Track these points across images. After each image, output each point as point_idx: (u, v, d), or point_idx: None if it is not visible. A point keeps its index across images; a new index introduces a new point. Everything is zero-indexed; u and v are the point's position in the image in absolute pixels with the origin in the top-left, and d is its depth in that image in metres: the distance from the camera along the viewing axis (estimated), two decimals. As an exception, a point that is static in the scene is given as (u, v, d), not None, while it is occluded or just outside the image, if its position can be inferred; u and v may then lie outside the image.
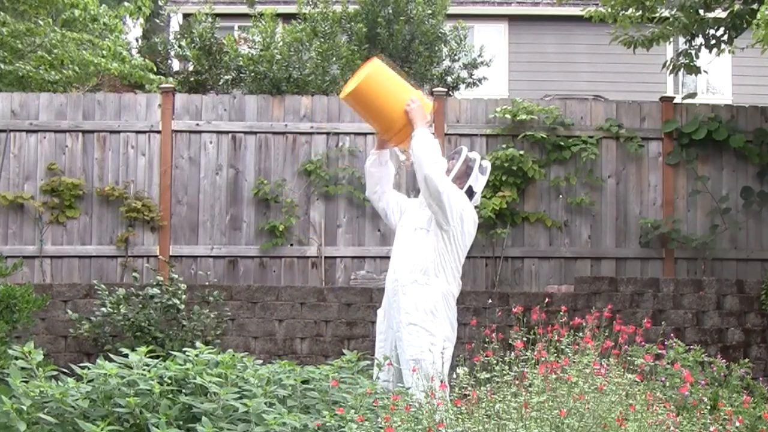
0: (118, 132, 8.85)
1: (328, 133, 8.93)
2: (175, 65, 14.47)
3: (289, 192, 8.83)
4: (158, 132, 8.85)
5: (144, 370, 3.82)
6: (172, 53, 14.19)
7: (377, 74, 5.11)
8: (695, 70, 8.90)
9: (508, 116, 8.87)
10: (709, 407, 4.23)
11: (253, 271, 8.77)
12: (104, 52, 11.74)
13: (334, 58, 11.49)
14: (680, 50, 9.08)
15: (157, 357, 4.07)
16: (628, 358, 4.22)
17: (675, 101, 9.26)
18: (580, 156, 8.86)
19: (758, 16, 7.21)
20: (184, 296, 7.70)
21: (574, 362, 3.80)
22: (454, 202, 4.90)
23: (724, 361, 6.17)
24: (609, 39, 8.97)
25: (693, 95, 9.77)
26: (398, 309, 4.89)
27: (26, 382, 3.69)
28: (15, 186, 8.72)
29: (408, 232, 5.06)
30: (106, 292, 7.69)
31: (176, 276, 7.93)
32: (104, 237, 8.73)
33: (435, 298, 4.87)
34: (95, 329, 7.67)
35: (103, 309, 7.58)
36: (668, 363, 5.53)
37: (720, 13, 8.66)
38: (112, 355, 3.97)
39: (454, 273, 4.96)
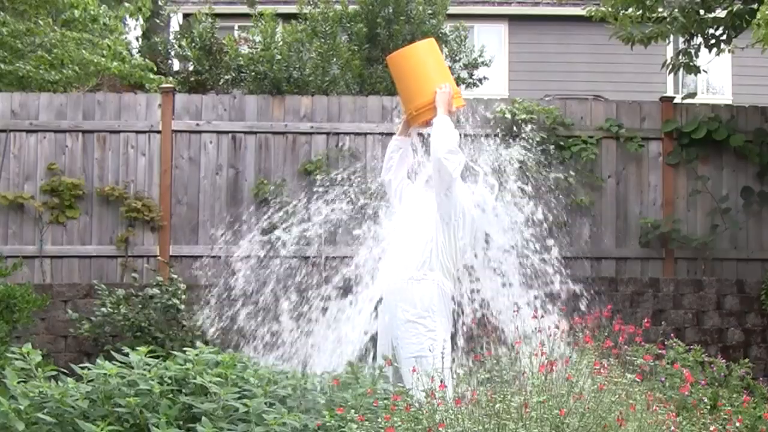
0: (118, 132, 8.85)
1: (328, 133, 8.93)
2: (175, 65, 14.46)
3: (289, 192, 8.83)
4: (158, 132, 8.85)
5: (144, 370, 3.82)
6: (172, 53, 14.19)
7: (424, 50, 5.39)
8: (695, 70, 8.89)
9: (508, 116, 8.87)
10: (709, 407, 4.24)
11: (253, 271, 8.77)
12: (104, 51, 11.75)
13: (334, 58, 11.48)
14: (680, 50, 9.08)
15: (157, 357, 4.07)
16: (628, 358, 4.22)
17: (675, 101, 9.25)
18: (580, 156, 8.86)
19: (758, 15, 7.22)
20: (183, 296, 7.70)
21: (574, 362, 3.80)
22: (461, 196, 4.91)
23: (724, 361, 6.17)
24: (608, 37, 8.96)
25: (693, 95, 9.77)
26: (395, 306, 4.88)
27: (25, 382, 3.70)
28: (15, 186, 8.72)
29: (405, 228, 5.06)
30: (106, 292, 7.69)
31: (176, 276, 7.93)
32: (104, 237, 8.73)
33: (431, 294, 4.86)
34: (95, 329, 7.67)
35: (103, 309, 7.59)
36: (668, 363, 5.52)
37: (719, 13, 8.66)
38: (113, 354, 3.97)
39: (449, 268, 4.95)
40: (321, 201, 8.64)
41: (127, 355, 3.94)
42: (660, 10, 8.65)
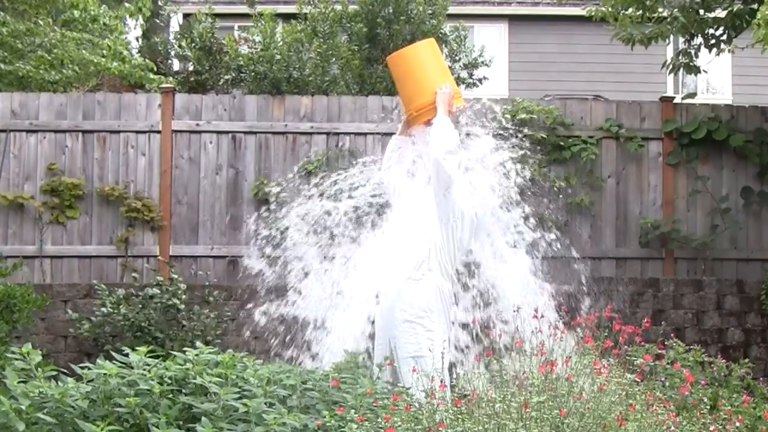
0: (118, 132, 8.85)
1: (328, 133, 8.93)
2: (175, 65, 14.46)
3: (289, 192, 8.82)
4: (158, 132, 8.85)
5: (144, 370, 3.82)
6: (172, 53, 14.18)
7: (425, 50, 5.41)
8: (695, 70, 8.89)
9: (508, 116, 8.87)
10: (709, 407, 4.24)
11: (253, 271, 8.76)
12: (104, 52, 11.74)
13: (334, 58, 11.48)
14: (680, 50, 9.08)
15: (157, 357, 4.07)
16: (628, 358, 4.22)
17: (675, 101, 9.25)
18: (580, 156, 8.85)
19: (758, 15, 7.22)
20: (184, 296, 7.70)
21: (574, 362, 3.80)
22: (459, 197, 4.90)
23: (724, 361, 6.17)
24: (609, 39, 8.97)
25: (693, 95, 9.77)
26: (393, 306, 4.87)
27: (25, 382, 3.69)
28: (15, 186, 8.72)
29: (403, 228, 5.05)
30: (106, 292, 7.69)
31: (176, 276, 7.93)
32: (104, 237, 8.73)
33: (430, 294, 4.85)
34: (95, 329, 7.67)
35: (103, 309, 7.58)
36: (668, 363, 5.53)
37: (719, 13, 8.66)
38: (112, 355, 3.97)
39: (447, 269, 4.94)
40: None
41: (127, 355, 3.94)
42: (660, 10, 8.66)
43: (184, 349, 4.07)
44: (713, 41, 8.72)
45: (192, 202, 8.84)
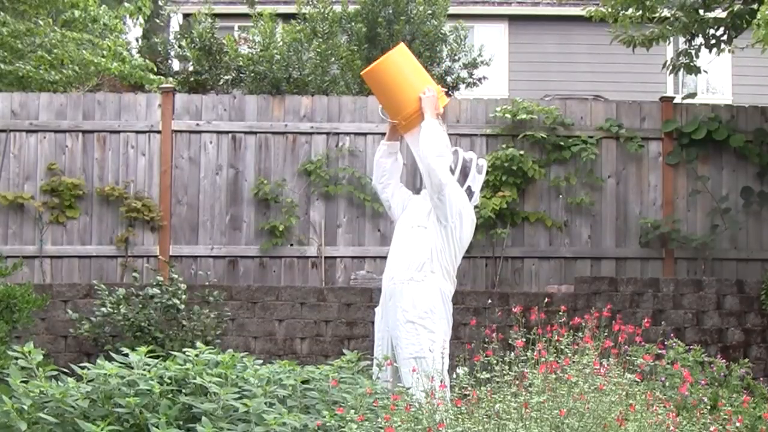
0: (118, 132, 8.85)
1: (328, 133, 8.93)
2: (175, 65, 14.47)
3: (289, 192, 8.83)
4: (158, 132, 8.85)
5: (144, 370, 3.82)
6: (172, 53, 14.19)
7: (399, 58, 5.28)
8: (695, 70, 8.89)
9: (508, 116, 8.87)
10: (709, 407, 4.24)
11: (253, 271, 8.77)
12: (104, 52, 11.74)
13: (334, 58, 11.49)
14: (680, 50, 9.08)
15: (157, 357, 4.07)
16: (628, 358, 4.22)
17: (675, 101, 9.25)
18: (580, 156, 8.85)
19: (758, 15, 7.23)
20: (184, 296, 7.70)
21: (574, 362, 3.80)
22: (454, 198, 4.91)
23: (724, 361, 6.17)
24: (609, 39, 8.98)
25: (693, 95, 9.77)
26: (395, 307, 4.88)
27: (26, 382, 3.69)
28: (15, 186, 8.72)
29: (405, 230, 5.06)
30: (106, 292, 7.68)
31: (176, 276, 7.93)
32: (104, 237, 8.73)
33: (432, 295, 4.86)
34: (95, 329, 7.66)
35: (103, 309, 7.57)
36: (668, 363, 5.53)
37: (720, 13, 8.66)
38: (112, 355, 3.97)
39: (449, 270, 4.95)
40: None
41: (127, 355, 3.94)
42: (659, 9, 8.65)
43: (184, 349, 4.07)
44: (714, 41, 8.72)
45: (192, 202, 8.84)
